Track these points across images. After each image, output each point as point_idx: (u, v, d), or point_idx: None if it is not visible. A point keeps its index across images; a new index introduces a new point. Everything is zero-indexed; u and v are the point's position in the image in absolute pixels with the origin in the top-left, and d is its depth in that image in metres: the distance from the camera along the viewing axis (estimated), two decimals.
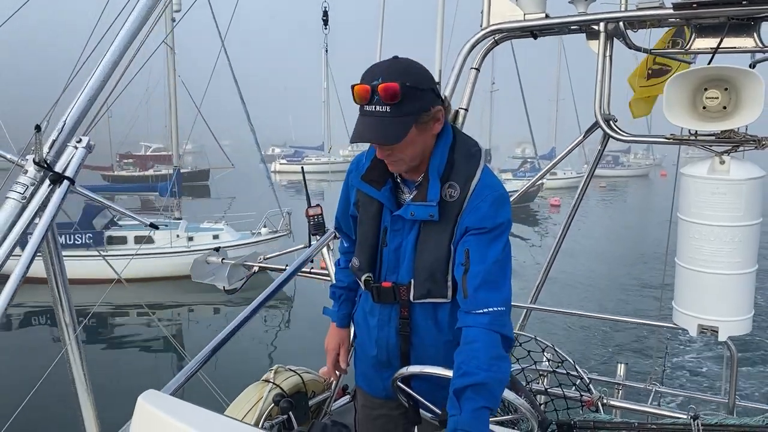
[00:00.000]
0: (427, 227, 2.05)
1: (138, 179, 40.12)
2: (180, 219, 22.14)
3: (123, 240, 19.95)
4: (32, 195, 2.26)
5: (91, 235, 19.39)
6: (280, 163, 57.20)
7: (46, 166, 2.27)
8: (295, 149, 63.25)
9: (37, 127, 2.19)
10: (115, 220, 20.65)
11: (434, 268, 2.05)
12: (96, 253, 17.78)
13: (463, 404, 1.82)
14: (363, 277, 2.18)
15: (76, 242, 19.13)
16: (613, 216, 36.18)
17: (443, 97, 2.07)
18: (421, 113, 1.95)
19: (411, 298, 2.10)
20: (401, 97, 1.87)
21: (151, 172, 42.59)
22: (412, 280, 2.09)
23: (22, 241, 2.22)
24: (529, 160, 44.84)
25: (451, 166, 2.04)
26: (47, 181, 2.28)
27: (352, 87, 1.94)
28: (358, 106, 1.95)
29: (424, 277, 2.06)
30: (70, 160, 2.33)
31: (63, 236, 18.37)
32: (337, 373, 2.51)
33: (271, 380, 2.99)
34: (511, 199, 2.32)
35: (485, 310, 1.93)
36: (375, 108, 1.90)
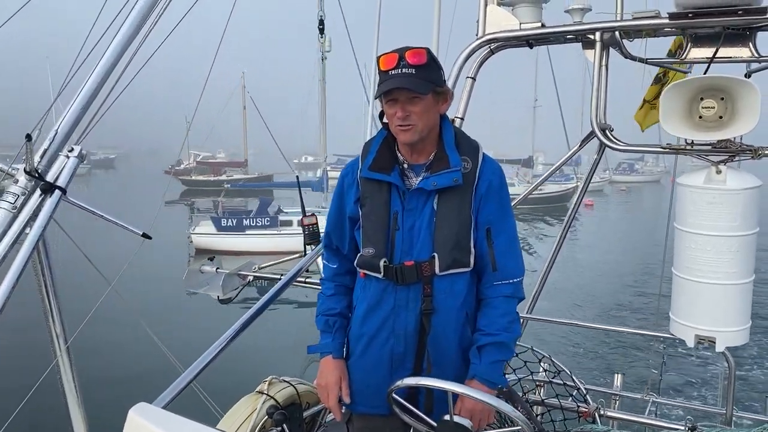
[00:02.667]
0: (446, 198, 2.14)
1: (213, 183, 49.28)
2: (325, 208, 26.90)
3: (290, 223, 25.90)
4: (23, 205, 2.24)
5: (268, 219, 26.38)
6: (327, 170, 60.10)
7: (37, 175, 2.25)
8: (338, 157, 65.76)
9: (28, 136, 2.17)
10: (281, 208, 27.51)
11: (459, 235, 2.13)
12: (274, 232, 25.64)
13: (483, 357, 2.15)
14: (381, 263, 2.17)
15: (257, 224, 26.22)
16: (625, 219, 38.21)
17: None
18: (438, 84, 2.13)
19: (437, 270, 2.13)
20: (426, 61, 2.06)
21: (224, 176, 50.98)
22: (436, 254, 2.13)
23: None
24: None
25: (457, 144, 2.20)
26: (38, 191, 2.25)
27: (378, 57, 2.09)
28: (381, 72, 2.08)
29: (450, 246, 2.13)
30: (61, 170, 2.31)
31: (246, 219, 26.16)
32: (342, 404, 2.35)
33: (265, 392, 2.96)
34: (513, 203, 2.41)
35: (511, 280, 2.20)
36: (400, 71, 2.06)
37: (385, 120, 2.24)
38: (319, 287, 3.67)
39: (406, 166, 2.22)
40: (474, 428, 2.04)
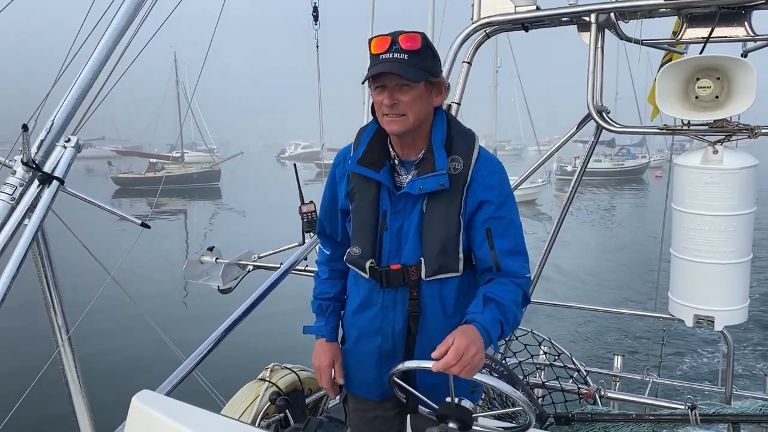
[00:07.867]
0: (434, 201, 2.05)
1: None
2: None
3: None
4: (21, 196, 2.24)
5: None
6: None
7: (34, 166, 2.25)
8: None
9: (24, 127, 2.17)
10: None
11: (446, 241, 2.05)
12: None
13: (486, 310, 1.94)
14: (367, 264, 2.13)
15: None
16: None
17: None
18: (432, 73, 2.00)
19: (423, 276, 2.08)
20: (420, 47, 1.94)
21: None
22: (422, 258, 2.07)
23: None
24: (625, 147, 55.55)
25: (450, 142, 2.08)
26: (36, 182, 2.25)
27: (370, 39, 1.95)
28: (372, 56, 1.96)
29: (436, 251, 2.05)
30: (59, 160, 2.31)
31: None
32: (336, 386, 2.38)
33: (267, 378, 2.98)
34: (514, 185, 2.39)
35: (517, 279, 2.06)
36: (392, 55, 1.93)
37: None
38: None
39: (397, 161, 2.13)
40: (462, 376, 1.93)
